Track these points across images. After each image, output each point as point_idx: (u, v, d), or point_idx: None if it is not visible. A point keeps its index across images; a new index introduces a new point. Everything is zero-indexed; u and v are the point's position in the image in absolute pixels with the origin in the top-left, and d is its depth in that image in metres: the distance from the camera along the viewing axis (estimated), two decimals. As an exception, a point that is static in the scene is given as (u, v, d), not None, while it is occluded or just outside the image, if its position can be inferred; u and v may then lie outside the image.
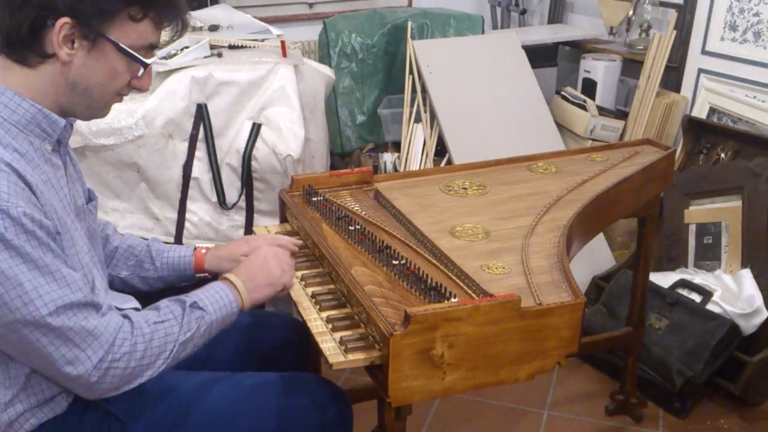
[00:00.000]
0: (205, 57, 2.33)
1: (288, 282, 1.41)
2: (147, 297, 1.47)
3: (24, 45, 1.16)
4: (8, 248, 1.08)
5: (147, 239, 1.58)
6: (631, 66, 3.40)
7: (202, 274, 1.55)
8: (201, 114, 2.25)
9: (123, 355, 1.16)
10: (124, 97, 1.28)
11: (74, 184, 1.32)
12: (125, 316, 1.22)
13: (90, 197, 1.42)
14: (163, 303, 1.26)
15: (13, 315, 1.09)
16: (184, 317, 1.24)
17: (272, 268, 1.38)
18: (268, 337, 1.61)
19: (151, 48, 1.24)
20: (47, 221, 1.14)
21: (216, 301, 1.28)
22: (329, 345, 1.28)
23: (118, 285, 1.54)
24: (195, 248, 1.55)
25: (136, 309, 1.42)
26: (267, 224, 1.72)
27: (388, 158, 3.02)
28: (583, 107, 3.21)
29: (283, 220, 1.77)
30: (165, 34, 1.27)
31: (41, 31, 1.15)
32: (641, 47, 3.32)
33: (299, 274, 1.51)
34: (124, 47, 1.19)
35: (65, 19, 1.14)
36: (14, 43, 1.16)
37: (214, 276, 1.52)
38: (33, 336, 1.11)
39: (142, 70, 1.24)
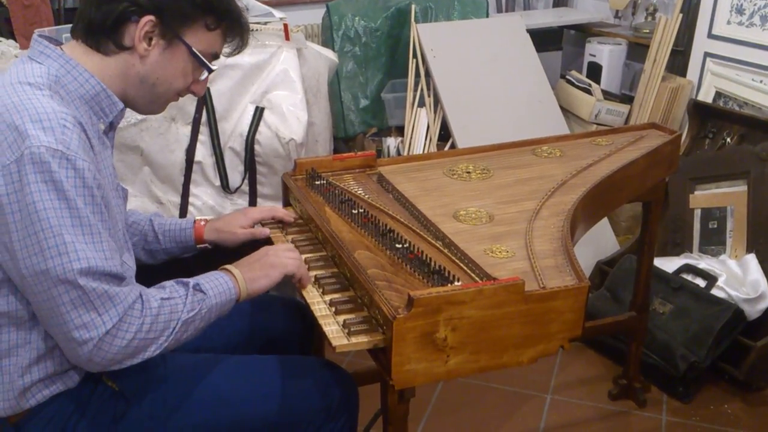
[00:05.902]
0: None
1: (291, 269, 1.39)
2: (151, 277, 1.48)
3: (104, 34, 1.24)
4: (61, 198, 1.10)
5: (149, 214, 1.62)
6: (637, 50, 3.38)
7: (202, 245, 1.59)
8: (204, 97, 2.24)
9: (131, 326, 1.17)
10: None
11: (114, 167, 1.36)
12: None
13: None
14: (168, 283, 1.27)
15: (46, 264, 1.10)
16: (188, 297, 1.25)
17: (270, 259, 1.38)
18: (271, 321, 1.62)
19: (215, 57, 1.34)
20: (104, 183, 1.18)
21: (216, 287, 1.29)
22: (332, 328, 1.27)
23: None
24: (195, 221, 1.60)
25: None
26: (270, 208, 1.72)
27: (391, 142, 3.02)
28: (588, 91, 3.20)
29: (286, 203, 1.77)
30: (226, 48, 1.37)
31: (123, 25, 1.23)
32: (647, 31, 3.30)
33: (302, 257, 1.50)
34: (196, 51, 1.28)
35: (150, 17, 1.22)
36: (95, 32, 1.24)
37: (215, 246, 1.59)
38: (56, 291, 1.11)
39: (204, 75, 1.33)
